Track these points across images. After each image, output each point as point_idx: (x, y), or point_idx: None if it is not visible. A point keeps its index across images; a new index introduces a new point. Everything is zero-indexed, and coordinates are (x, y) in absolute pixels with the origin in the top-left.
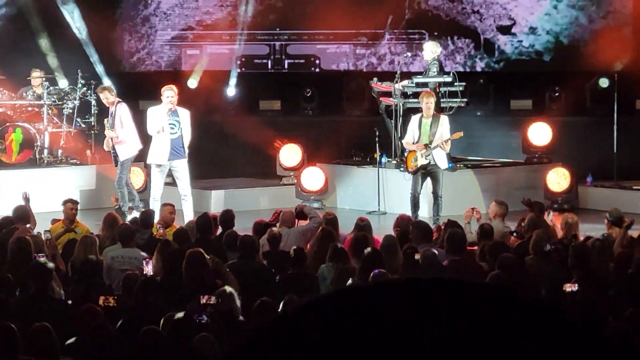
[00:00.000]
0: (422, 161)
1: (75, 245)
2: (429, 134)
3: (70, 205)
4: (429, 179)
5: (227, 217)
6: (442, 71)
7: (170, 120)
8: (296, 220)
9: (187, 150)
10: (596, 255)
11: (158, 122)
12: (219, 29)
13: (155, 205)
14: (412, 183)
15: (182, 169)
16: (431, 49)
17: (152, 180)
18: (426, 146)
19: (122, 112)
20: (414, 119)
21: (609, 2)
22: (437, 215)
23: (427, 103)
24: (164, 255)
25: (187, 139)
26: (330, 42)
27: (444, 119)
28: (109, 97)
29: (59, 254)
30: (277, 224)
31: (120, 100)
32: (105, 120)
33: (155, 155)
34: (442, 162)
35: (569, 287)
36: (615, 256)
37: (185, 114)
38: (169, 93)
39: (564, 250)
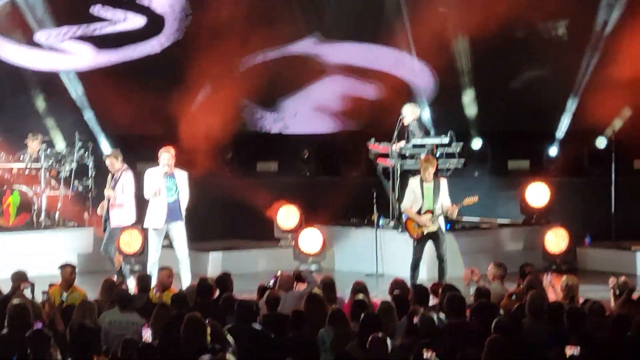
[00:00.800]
0: (431, 228)
1: (72, 310)
2: (433, 200)
3: (70, 270)
4: (429, 243)
5: (225, 280)
6: (424, 129)
7: (167, 183)
8: (295, 283)
9: (184, 213)
10: (592, 318)
11: (154, 186)
12: None
13: (153, 268)
14: (416, 249)
15: (179, 231)
16: (411, 112)
17: (149, 244)
18: (431, 212)
19: (126, 180)
20: (413, 182)
21: (603, 62)
22: (442, 278)
23: (426, 170)
24: (162, 319)
25: (184, 202)
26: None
27: (444, 183)
28: (115, 163)
29: (58, 315)
30: (276, 287)
31: (128, 167)
32: (109, 177)
33: (152, 219)
34: (443, 225)
35: (571, 350)
36: (614, 318)
37: (182, 176)
38: (166, 156)
39: (559, 312)
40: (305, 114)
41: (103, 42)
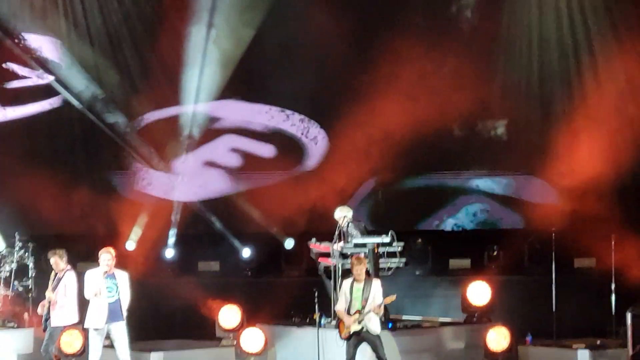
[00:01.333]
0: (354, 327)
1: None
2: (362, 299)
3: None
4: (364, 346)
5: None
6: (362, 228)
7: (107, 284)
8: None
9: (125, 313)
10: None
11: (94, 286)
12: None
13: None
14: (346, 350)
15: (120, 332)
16: (343, 215)
17: (90, 345)
18: (359, 312)
19: (68, 281)
20: (346, 283)
21: (545, 160)
22: None
23: (357, 270)
24: None
25: (125, 302)
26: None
27: (376, 283)
28: (59, 263)
29: None
30: None
31: (70, 268)
32: (52, 275)
33: (92, 319)
34: (376, 326)
35: None
36: None
37: (123, 277)
38: (106, 256)
39: None
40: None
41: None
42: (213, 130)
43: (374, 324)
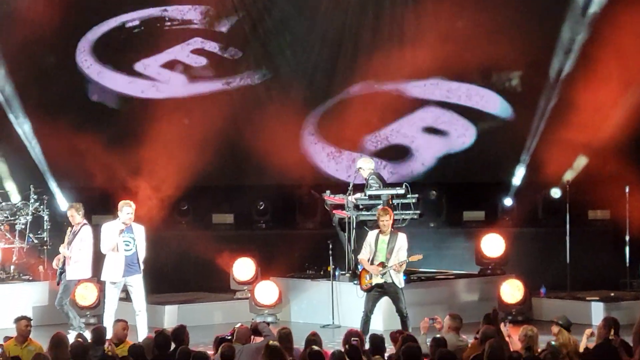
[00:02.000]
0: (376, 280)
1: None
2: (386, 252)
3: (25, 323)
4: (384, 298)
5: (180, 333)
6: (382, 181)
7: (125, 237)
8: (252, 336)
9: (142, 266)
10: None
11: (112, 241)
12: None
13: (109, 321)
14: (365, 301)
15: (137, 284)
16: (364, 166)
17: (106, 297)
18: (382, 265)
19: (84, 235)
20: (371, 234)
21: (558, 112)
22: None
23: (382, 221)
24: None
25: (142, 255)
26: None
27: (402, 237)
28: (75, 216)
29: None
30: (233, 340)
31: (87, 222)
32: (69, 229)
33: (109, 273)
34: (399, 280)
35: None
36: None
37: (140, 230)
38: (128, 209)
39: None
40: None
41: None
42: None
43: (397, 277)
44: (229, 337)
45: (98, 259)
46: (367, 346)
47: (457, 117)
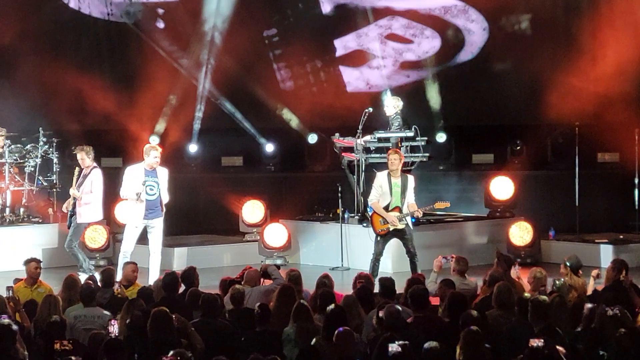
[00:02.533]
0: (399, 226)
1: (37, 305)
2: (400, 196)
3: (34, 265)
4: (393, 240)
5: (190, 275)
6: (405, 125)
7: (149, 182)
8: (261, 279)
9: (164, 209)
10: (555, 308)
11: (135, 188)
12: None
13: (123, 259)
14: (378, 244)
15: (157, 226)
16: (392, 104)
17: (125, 236)
18: (399, 210)
19: (94, 178)
20: (381, 176)
21: (568, 55)
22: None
23: (392, 159)
24: (130, 314)
25: (165, 199)
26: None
27: (411, 179)
28: (85, 159)
29: (23, 310)
30: (242, 282)
31: (97, 165)
32: (76, 170)
33: (133, 216)
34: (410, 221)
35: (535, 343)
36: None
37: (164, 174)
38: (155, 153)
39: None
40: None
41: None
42: None
43: (408, 220)
44: (238, 280)
45: (110, 201)
46: (376, 289)
47: None
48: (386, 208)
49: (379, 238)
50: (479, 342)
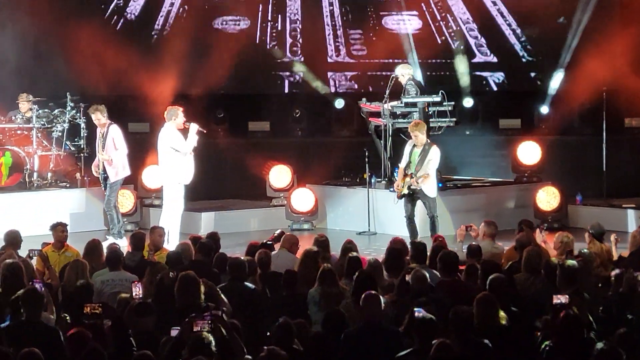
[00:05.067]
0: (404, 190)
1: (65, 269)
2: (416, 164)
3: (61, 229)
4: (421, 204)
5: (214, 240)
6: (420, 88)
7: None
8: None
9: None
10: (580, 273)
11: (194, 142)
12: None
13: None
14: (404, 207)
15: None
16: (403, 72)
17: (180, 199)
18: (409, 177)
19: (115, 134)
20: (408, 144)
21: (595, 19)
22: (434, 233)
23: (414, 133)
24: (156, 277)
25: None
26: None
27: (433, 150)
28: (100, 118)
29: (54, 271)
30: (274, 244)
31: (112, 122)
32: (98, 133)
33: (188, 174)
34: (429, 190)
35: (558, 299)
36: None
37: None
38: (181, 113)
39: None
40: None
41: None
42: None
43: (427, 188)
44: (270, 243)
45: (138, 166)
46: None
47: None
48: (404, 173)
49: (402, 202)
50: (492, 306)
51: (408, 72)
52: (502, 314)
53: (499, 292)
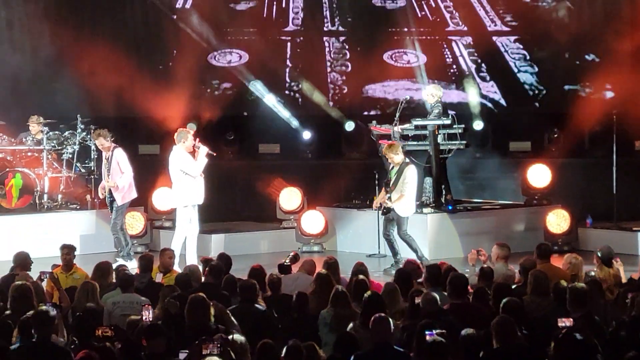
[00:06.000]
0: (375, 206)
1: (74, 292)
2: (392, 184)
3: (66, 251)
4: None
5: (225, 261)
6: (445, 113)
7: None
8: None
9: None
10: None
11: (203, 164)
12: None
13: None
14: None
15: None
16: (432, 93)
17: (194, 221)
18: (387, 192)
19: (120, 158)
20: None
21: (606, 42)
22: (394, 256)
23: (388, 156)
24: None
25: None
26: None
27: (409, 172)
28: (104, 142)
29: (62, 289)
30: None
31: (117, 145)
32: (103, 162)
33: (197, 196)
34: (402, 209)
35: (563, 322)
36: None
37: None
38: (191, 136)
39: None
40: None
41: None
42: None
43: (399, 207)
44: (288, 265)
45: (148, 188)
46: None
47: None
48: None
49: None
50: (511, 328)
51: (438, 94)
52: None
53: (513, 315)
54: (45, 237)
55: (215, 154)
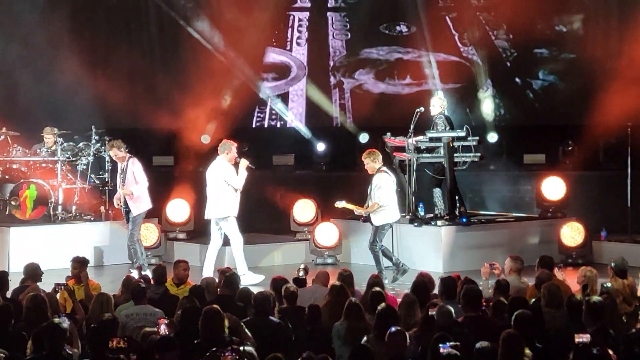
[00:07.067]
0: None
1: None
2: (369, 194)
3: (73, 265)
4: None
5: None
6: (450, 124)
7: None
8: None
9: None
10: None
11: (244, 177)
12: None
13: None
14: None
15: None
16: (438, 104)
17: (236, 231)
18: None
19: (135, 168)
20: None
21: (622, 54)
22: (391, 261)
23: (365, 162)
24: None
25: None
26: None
27: (377, 177)
28: (118, 153)
29: (77, 300)
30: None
31: (132, 155)
32: (118, 172)
33: (235, 207)
34: (377, 218)
35: (580, 338)
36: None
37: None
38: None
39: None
40: None
41: None
42: None
43: (374, 216)
44: (303, 278)
45: (162, 200)
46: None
47: None
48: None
49: None
50: (518, 344)
51: (440, 104)
52: (527, 351)
53: (525, 328)
54: (60, 248)
55: (254, 167)
